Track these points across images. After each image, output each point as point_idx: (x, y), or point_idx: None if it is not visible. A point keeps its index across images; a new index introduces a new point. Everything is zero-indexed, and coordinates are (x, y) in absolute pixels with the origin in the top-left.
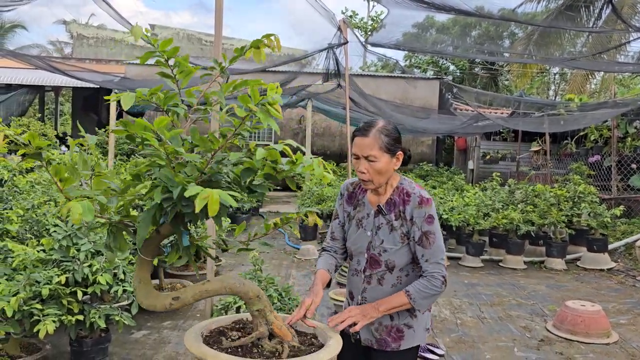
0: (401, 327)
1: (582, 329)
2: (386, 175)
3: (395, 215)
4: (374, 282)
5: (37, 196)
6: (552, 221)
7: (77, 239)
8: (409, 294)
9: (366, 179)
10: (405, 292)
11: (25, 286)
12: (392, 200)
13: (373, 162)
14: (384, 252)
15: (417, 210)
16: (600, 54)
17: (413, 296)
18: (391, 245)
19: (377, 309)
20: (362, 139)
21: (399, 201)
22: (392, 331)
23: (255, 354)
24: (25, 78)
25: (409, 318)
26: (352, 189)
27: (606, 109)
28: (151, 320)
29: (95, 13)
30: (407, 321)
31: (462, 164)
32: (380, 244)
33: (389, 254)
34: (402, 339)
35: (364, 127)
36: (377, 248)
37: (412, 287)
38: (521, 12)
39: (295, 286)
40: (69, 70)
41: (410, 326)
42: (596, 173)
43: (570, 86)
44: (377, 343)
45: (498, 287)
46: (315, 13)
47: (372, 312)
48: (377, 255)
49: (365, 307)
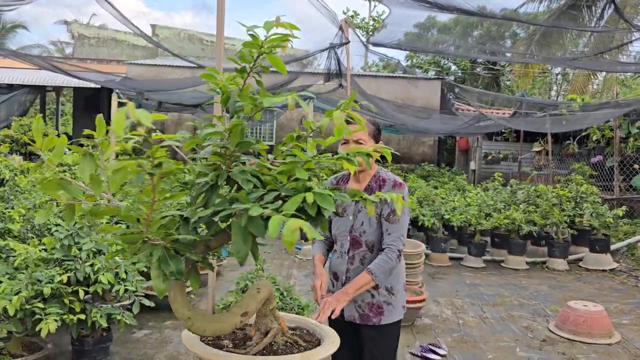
0: (381, 304)
1: (585, 329)
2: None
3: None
4: (356, 262)
5: (39, 196)
6: (554, 221)
7: (78, 238)
8: (370, 271)
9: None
10: (367, 270)
11: (27, 285)
12: (370, 186)
13: (361, 145)
14: (364, 233)
15: (391, 191)
16: (602, 54)
17: (374, 272)
18: (369, 227)
19: (347, 292)
20: (353, 126)
21: (375, 186)
22: (373, 307)
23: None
24: (27, 78)
25: (388, 296)
26: (336, 182)
27: (608, 109)
28: (152, 319)
29: (97, 13)
30: (386, 299)
31: (464, 165)
32: (360, 226)
33: (368, 235)
34: (382, 315)
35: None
36: (358, 230)
37: (372, 264)
38: (523, 12)
39: (297, 286)
40: (71, 70)
41: (389, 303)
42: (598, 173)
43: (572, 86)
44: (360, 318)
45: (500, 287)
46: (317, 13)
47: (343, 297)
48: (358, 236)
49: (337, 294)
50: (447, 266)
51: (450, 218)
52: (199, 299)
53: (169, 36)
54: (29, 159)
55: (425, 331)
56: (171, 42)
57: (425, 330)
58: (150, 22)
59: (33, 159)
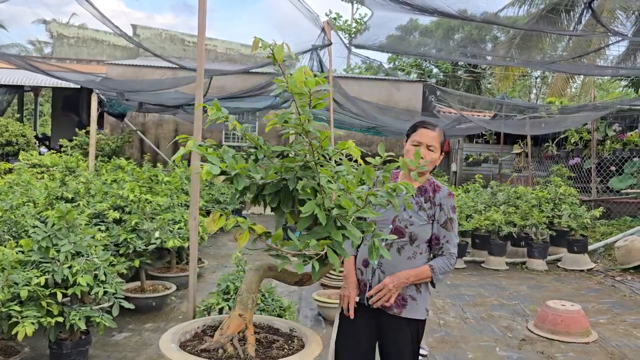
0: (406, 297)
1: (563, 328)
2: (434, 164)
3: (425, 199)
4: (392, 250)
5: (16, 197)
6: (533, 222)
7: (56, 239)
8: (432, 267)
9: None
10: (429, 266)
11: (3, 287)
12: (424, 187)
13: (432, 152)
14: (411, 225)
15: (446, 199)
16: (580, 57)
17: (435, 270)
18: (418, 220)
19: (407, 278)
20: (429, 131)
21: (429, 189)
22: (398, 298)
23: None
24: (4, 78)
25: (415, 291)
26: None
27: (586, 112)
28: (132, 322)
29: (77, 12)
30: (412, 293)
31: (445, 166)
32: (408, 218)
33: (415, 227)
34: (404, 307)
35: (431, 123)
36: (405, 221)
37: (435, 263)
38: (503, 15)
39: (279, 287)
40: (50, 69)
41: (414, 298)
42: (576, 175)
43: (551, 89)
44: (383, 305)
45: (480, 287)
46: (299, 14)
47: (402, 283)
48: (402, 227)
49: (399, 280)
50: None
51: None
52: (179, 300)
53: (150, 36)
54: (5, 160)
55: None
56: (152, 42)
57: None
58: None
59: (10, 160)
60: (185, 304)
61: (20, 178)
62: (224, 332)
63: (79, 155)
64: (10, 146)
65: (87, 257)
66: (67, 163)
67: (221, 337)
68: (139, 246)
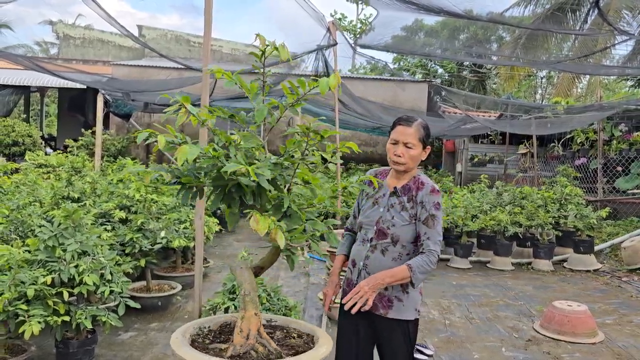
0: (392, 298)
1: (569, 329)
2: (416, 162)
3: (407, 198)
4: (377, 252)
5: (22, 197)
6: (539, 223)
7: (63, 239)
8: (410, 266)
9: (401, 161)
10: (407, 265)
11: (10, 287)
12: (408, 186)
13: (410, 149)
14: (392, 227)
15: (428, 196)
16: (587, 57)
17: (414, 269)
18: (400, 221)
19: (383, 280)
20: (405, 128)
21: (413, 187)
22: (383, 299)
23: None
24: (10, 78)
25: (401, 292)
26: (375, 174)
27: (592, 112)
28: (138, 321)
29: (83, 13)
30: (398, 295)
31: (451, 167)
32: (390, 219)
33: (397, 229)
34: (391, 309)
35: (407, 118)
36: (387, 222)
37: (413, 262)
38: (509, 15)
39: (284, 287)
40: (56, 70)
41: (400, 299)
42: (582, 175)
43: (556, 89)
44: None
45: (486, 288)
46: (305, 14)
47: (378, 284)
48: (385, 228)
49: (371, 281)
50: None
51: None
52: (185, 300)
53: (155, 37)
54: (12, 160)
55: None
56: (158, 43)
57: None
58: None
59: (17, 160)
60: (190, 304)
61: (26, 178)
62: (246, 332)
63: (85, 156)
64: (16, 146)
65: (93, 256)
66: (73, 163)
67: (248, 339)
68: (144, 246)
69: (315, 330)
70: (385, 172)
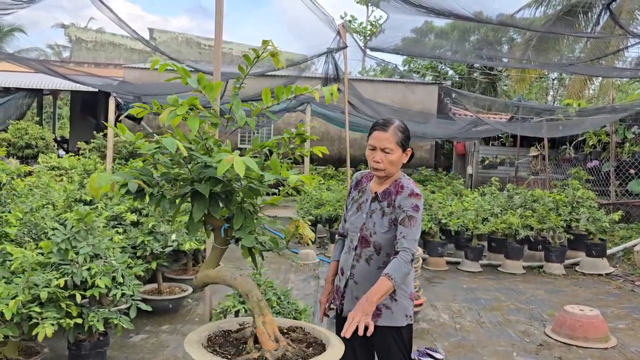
0: (380, 307)
1: (581, 333)
2: (397, 166)
3: (387, 202)
4: (362, 261)
5: (36, 199)
6: (550, 226)
7: (75, 242)
8: (388, 275)
9: (380, 167)
10: (385, 275)
11: (24, 289)
12: (389, 190)
13: (388, 154)
14: (374, 234)
15: (406, 199)
16: (599, 59)
17: (392, 276)
18: (380, 228)
19: (371, 301)
20: (381, 133)
21: (393, 191)
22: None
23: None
24: (24, 82)
25: (389, 300)
26: (360, 177)
27: (604, 115)
28: (149, 324)
29: (95, 17)
30: (386, 302)
31: (461, 169)
32: (372, 226)
33: (378, 236)
34: (380, 317)
35: (383, 122)
36: (369, 229)
37: (388, 268)
38: (520, 17)
39: (294, 290)
40: (68, 73)
41: (388, 307)
42: (594, 178)
43: (568, 91)
44: None
45: (497, 291)
46: (315, 18)
47: (369, 307)
48: (368, 235)
49: (363, 306)
50: (444, 270)
51: (447, 222)
52: (196, 303)
53: (166, 40)
54: (25, 163)
55: (423, 335)
56: (169, 46)
57: (423, 335)
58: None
59: (30, 163)
60: (201, 306)
61: (39, 180)
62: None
63: (97, 158)
64: (29, 149)
65: (105, 259)
66: (85, 165)
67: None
68: (156, 248)
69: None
70: (371, 175)
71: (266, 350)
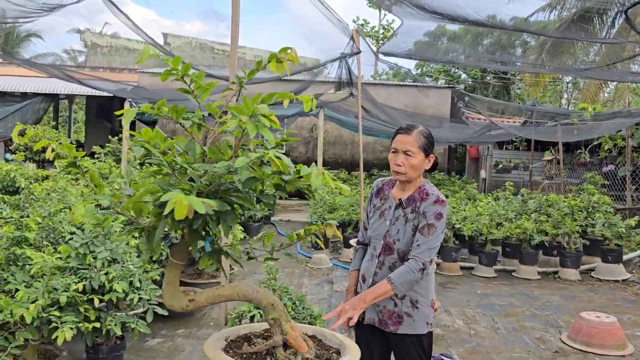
0: (402, 314)
1: (597, 340)
2: (418, 171)
3: (411, 209)
4: (385, 268)
5: (53, 204)
6: (566, 231)
7: (94, 246)
8: (390, 280)
9: (401, 171)
10: (387, 278)
11: (43, 293)
12: (413, 196)
13: (410, 157)
14: (398, 241)
15: (431, 206)
16: (614, 64)
17: (394, 281)
18: (404, 236)
19: (364, 299)
20: (404, 136)
21: (418, 198)
22: (393, 316)
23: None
24: (40, 87)
25: (410, 308)
26: (382, 185)
27: (620, 119)
28: (165, 328)
29: (109, 22)
30: (408, 310)
31: (475, 173)
32: (396, 233)
33: (401, 243)
34: (401, 324)
35: (407, 126)
36: (393, 237)
37: (393, 273)
38: (534, 20)
39: (308, 295)
40: (83, 78)
41: (410, 315)
42: (610, 183)
43: (583, 95)
44: (379, 323)
45: (511, 297)
46: (328, 23)
47: (360, 304)
48: (391, 242)
49: (354, 300)
50: (458, 276)
51: (461, 227)
52: (210, 307)
53: (180, 45)
54: (42, 167)
55: (437, 341)
56: (183, 51)
57: (437, 341)
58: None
59: (47, 167)
60: (216, 311)
61: (56, 185)
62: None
63: (112, 162)
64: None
65: (122, 263)
66: (101, 170)
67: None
68: None
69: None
70: (392, 182)
71: (303, 352)
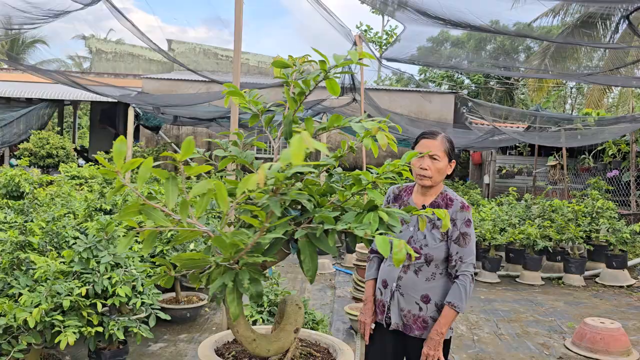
0: (427, 319)
1: (602, 346)
2: (442, 175)
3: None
4: (410, 272)
5: (57, 209)
6: (570, 237)
7: (97, 251)
8: (451, 304)
9: (427, 175)
10: (447, 304)
11: (46, 297)
12: (437, 202)
13: (436, 161)
14: (425, 246)
15: (459, 213)
16: (618, 69)
17: (456, 305)
18: (432, 241)
19: (441, 333)
20: (430, 141)
21: (442, 204)
22: (418, 321)
23: None
24: (45, 92)
25: (436, 312)
26: (398, 192)
27: (624, 124)
28: (167, 332)
29: (114, 28)
30: (433, 315)
31: (478, 179)
32: (423, 239)
33: (429, 249)
34: (426, 329)
35: (431, 131)
36: (419, 242)
37: (451, 297)
38: (537, 26)
39: (311, 300)
40: (88, 84)
41: (435, 319)
42: (614, 188)
43: (587, 100)
44: (403, 327)
45: (515, 303)
46: (332, 29)
47: (439, 339)
48: (418, 248)
49: (433, 342)
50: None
51: None
52: (213, 312)
53: (184, 51)
54: (46, 172)
55: None
56: (187, 57)
57: None
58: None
59: (51, 172)
60: (218, 315)
61: (60, 190)
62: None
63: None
64: (50, 158)
65: (125, 268)
66: (105, 175)
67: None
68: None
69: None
70: (409, 188)
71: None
